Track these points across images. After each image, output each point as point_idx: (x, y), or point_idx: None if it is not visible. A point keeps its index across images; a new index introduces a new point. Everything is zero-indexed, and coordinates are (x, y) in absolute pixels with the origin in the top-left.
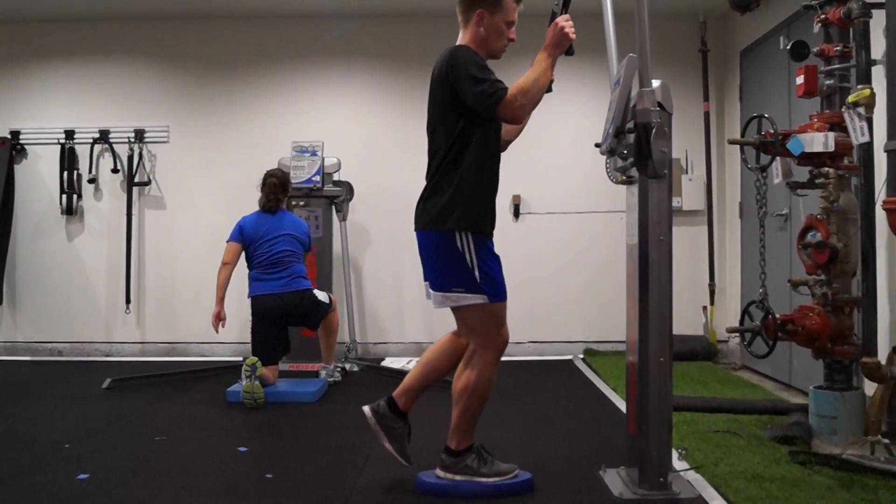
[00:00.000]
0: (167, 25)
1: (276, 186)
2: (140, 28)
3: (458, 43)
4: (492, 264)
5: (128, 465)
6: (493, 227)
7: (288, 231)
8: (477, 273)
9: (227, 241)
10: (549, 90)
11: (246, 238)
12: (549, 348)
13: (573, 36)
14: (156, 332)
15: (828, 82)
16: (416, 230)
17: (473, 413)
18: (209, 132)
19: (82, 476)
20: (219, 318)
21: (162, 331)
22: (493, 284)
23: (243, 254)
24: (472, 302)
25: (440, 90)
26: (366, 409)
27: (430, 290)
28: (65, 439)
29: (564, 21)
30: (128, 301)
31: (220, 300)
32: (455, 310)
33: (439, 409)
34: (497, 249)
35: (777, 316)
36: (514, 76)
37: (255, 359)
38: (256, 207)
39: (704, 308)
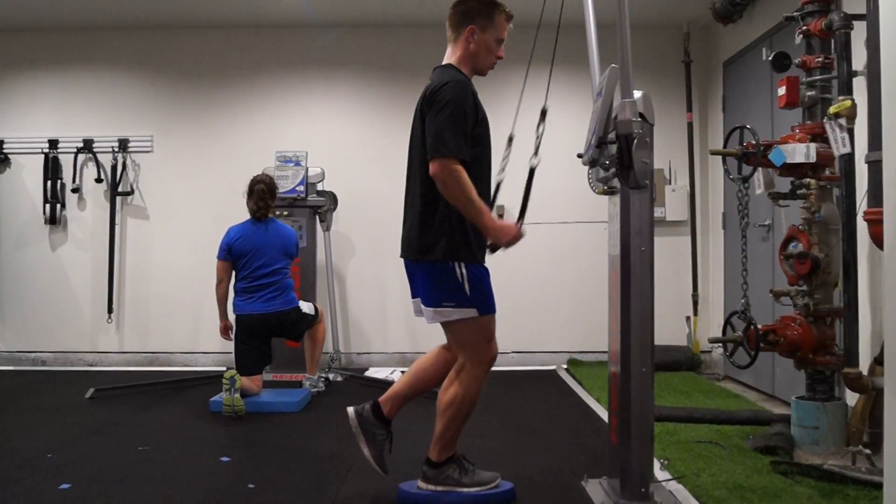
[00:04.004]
0: (151, 35)
1: (264, 193)
2: (124, 38)
3: (446, 59)
4: (482, 277)
5: (110, 476)
6: (483, 252)
7: (276, 248)
8: (467, 287)
9: (217, 259)
10: (491, 251)
11: (233, 254)
12: (532, 358)
13: (514, 244)
14: (139, 342)
15: (809, 93)
16: (402, 258)
17: (457, 426)
18: (193, 142)
19: (64, 486)
20: (226, 330)
21: (145, 341)
22: (482, 298)
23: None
24: (462, 316)
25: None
26: (349, 409)
27: (422, 306)
28: (47, 449)
29: (521, 230)
30: (110, 311)
31: (223, 315)
32: (445, 324)
33: (422, 421)
34: None
35: (759, 326)
36: (496, 85)
37: (234, 371)
38: (240, 217)
39: (688, 318)
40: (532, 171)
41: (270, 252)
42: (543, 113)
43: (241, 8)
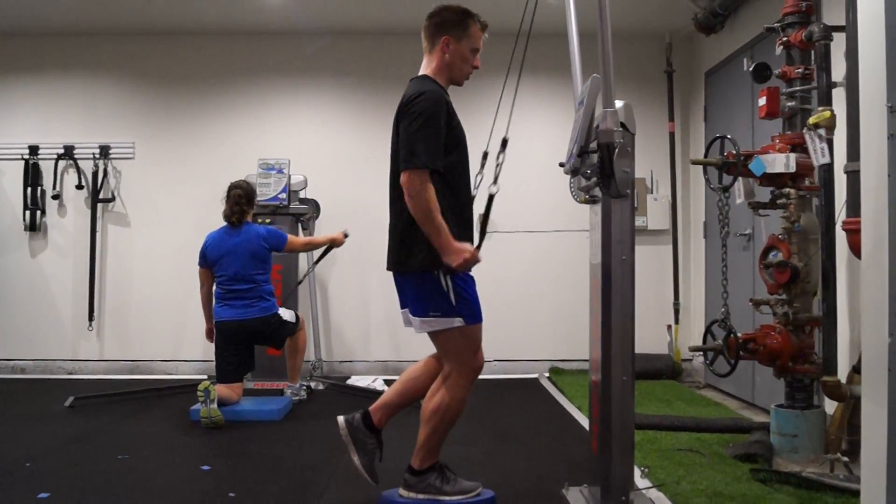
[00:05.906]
0: (133, 41)
1: (240, 198)
2: (106, 44)
3: (422, 70)
4: (467, 287)
5: (90, 484)
6: None
7: (246, 254)
8: (453, 296)
9: (198, 266)
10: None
11: (208, 261)
12: (515, 366)
13: (468, 268)
14: (119, 350)
15: (789, 104)
16: (389, 270)
17: (441, 434)
18: (175, 149)
19: (43, 495)
20: (211, 333)
21: (126, 349)
22: (468, 307)
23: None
24: (449, 325)
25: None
26: (340, 419)
27: (410, 317)
28: (26, 457)
29: (477, 254)
30: (90, 318)
31: (207, 318)
32: (432, 334)
33: (405, 430)
34: None
35: (739, 335)
36: (472, 96)
37: (207, 383)
38: (222, 224)
39: (669, 327)
40: (491, 199)
41: (241, 259)
42: (504, 143)
43: (224, 15)
